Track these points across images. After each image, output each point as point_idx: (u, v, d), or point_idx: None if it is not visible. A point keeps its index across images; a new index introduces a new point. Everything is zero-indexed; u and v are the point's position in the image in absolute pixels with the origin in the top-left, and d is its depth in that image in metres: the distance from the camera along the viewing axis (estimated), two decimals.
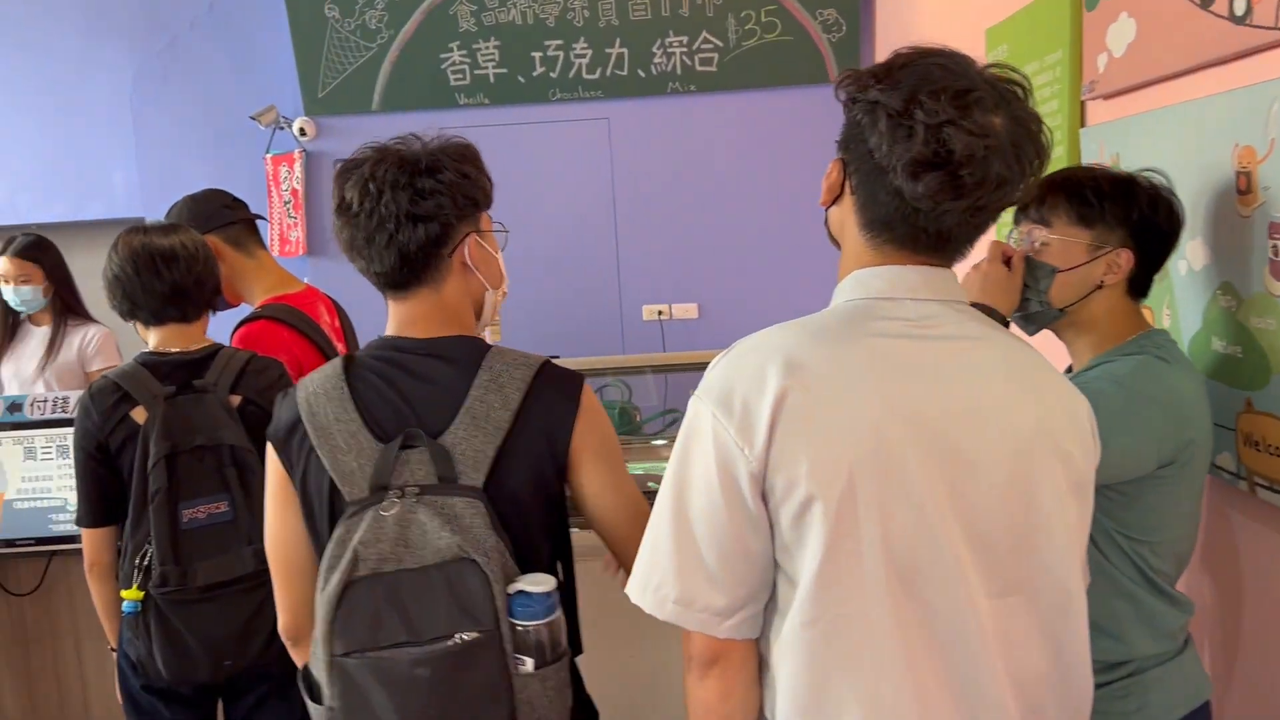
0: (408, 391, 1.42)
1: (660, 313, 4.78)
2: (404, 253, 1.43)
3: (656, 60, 4.56)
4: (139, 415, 2.01)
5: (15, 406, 2.89)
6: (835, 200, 1.25)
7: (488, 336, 3.02)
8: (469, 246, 1.48)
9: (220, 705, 2.22)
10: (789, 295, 4.68)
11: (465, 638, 1.28)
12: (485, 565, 1.29)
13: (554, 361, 1.48)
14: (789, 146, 4.61)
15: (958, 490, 1.13)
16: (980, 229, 1.19)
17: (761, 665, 1.20)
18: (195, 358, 2.10)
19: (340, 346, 2.56)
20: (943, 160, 1.09)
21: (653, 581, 1.15)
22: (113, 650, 2.17)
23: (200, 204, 2.52)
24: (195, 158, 5.12)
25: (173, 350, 2.10)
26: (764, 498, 1.12)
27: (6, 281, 3.57)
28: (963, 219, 1.15)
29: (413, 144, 1.48)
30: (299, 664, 1.52)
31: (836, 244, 1.29)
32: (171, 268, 2.07)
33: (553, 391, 1.44)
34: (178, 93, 5.10)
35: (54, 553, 2.90)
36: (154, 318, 2.10)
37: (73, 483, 2.81)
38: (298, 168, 4.82)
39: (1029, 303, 1.63)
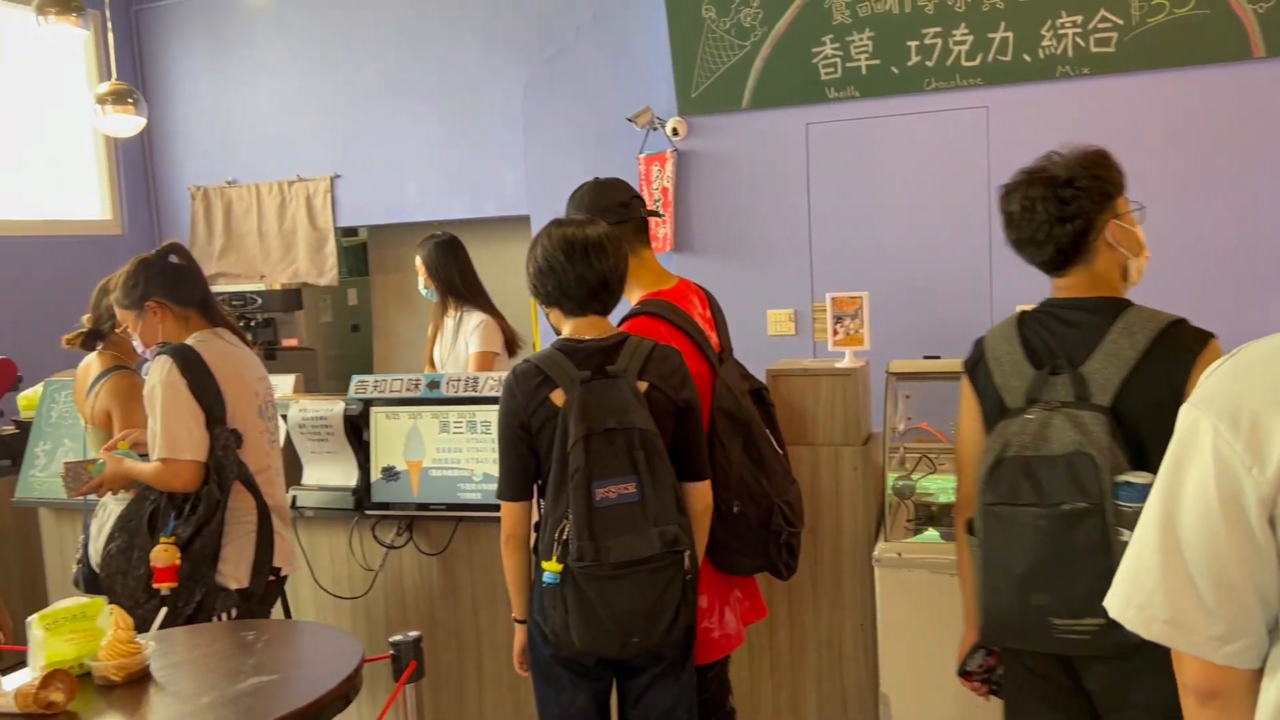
0: (1060, 334, 1.91)
1: None
2: (1059, 246, 1.91)
3: (1045, 43, 4.26)
4: (557, 398, 2.11)
5: (434, 384, 3.20)
6: None
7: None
8: (1110, 230, 1.91)
9: (614, 683, 2.30)
10: (1196, 297, 4.22)
11: (1077, 505, 1.74)
12: (1098, 458, 1.75)
13: (1185, 321, 1.86)
14: (1202, 132, 4.14)
15: None
16: None
17: None
18: (607, 345, 2.18)
19: (711, 335, 2.59)
20: None
21: (1137, 599, 1.07)
22: (517, 621, 2.29)
23: (599, 197, 2.59)
24: (575, 159, 5.45)
25: (586, 338, 2.19)
26: (1273, 524, 0.98)
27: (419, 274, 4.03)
28: None
29: (1053, 161, 1.93)
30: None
31: None
32: (602, 259, 2.16)
33: (1175, 343, 1.83)
34: (563, 97, 5.45)
35: (460, 519, 3.18)
36: (580, 307, 2.20)
37: (479, 456, 3.09)
38: (669, 167, 4.99)
39: None
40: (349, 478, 3.29)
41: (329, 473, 3.34)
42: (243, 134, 6.26)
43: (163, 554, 2.49)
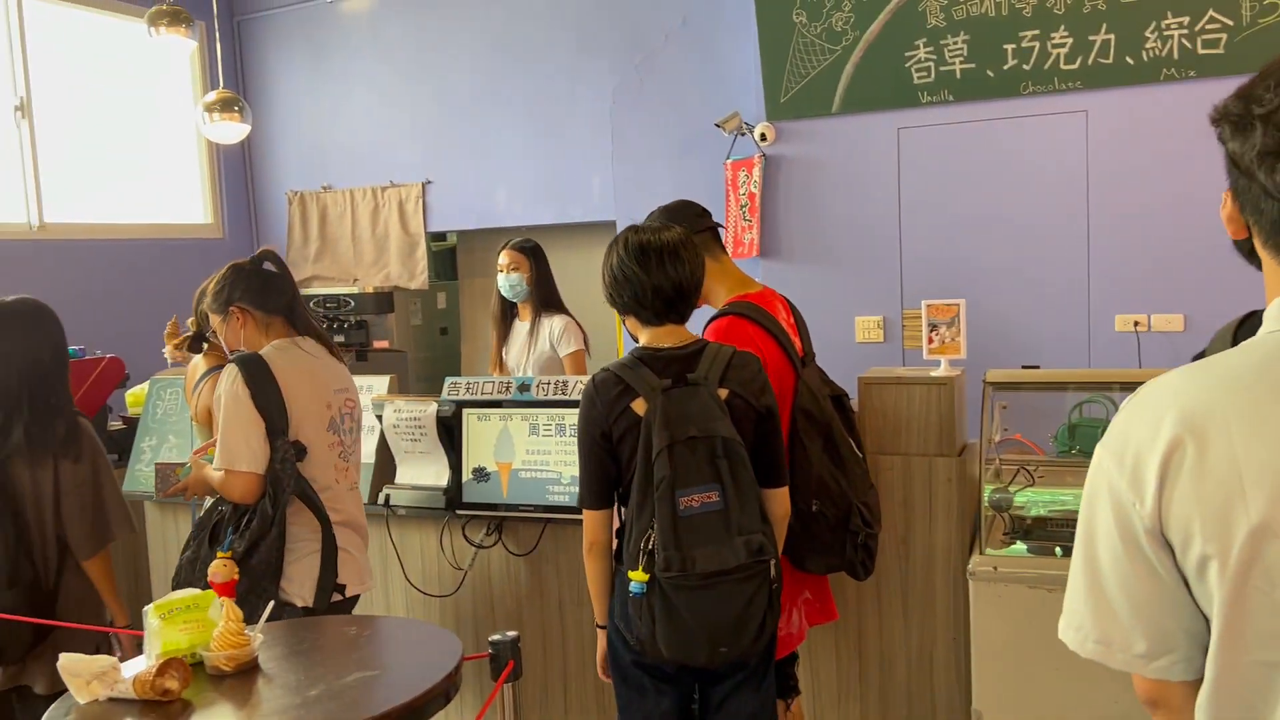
0: None
1: (1136, 324, 4.34)
2: None
3: (1149, 45, 4.13)
4: (639, 407, 2.10)
5: (524, 387, 3.23)
6: (1248, 232, 1.15)
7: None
8: None
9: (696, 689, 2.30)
10: None
11: None
12: None
13: None
14: None
15: None
16: None
17: None
18: (686, 353, 2.17)
19: (794, 339, 2.60)
20: None
21: (1073, 622, 1.15)
22: (599, 627, 2.30)
23: (675, 214, 2.67)
24: (661, 165, 5.48)
25: (665, 346, 2.18)
26: (1170, 549, 1.06)
27: (501, 270, 4.07)
28: None
29: None
30: None
31: None
32: (677, 267, 2.15)
33: None
34: (651, 103, 5.48)
35: (548, 520, 3.20)
36: (656, 317, 2.19)
37: (568, 458, 3.11)
38: (756, 172, 4.97)
39: None
40: (440, 477, 3.34)
41: (421, 472, 3.40)
42: (338, 140, 6.42)
43: (220, 569, 2.43)
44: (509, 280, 4.05)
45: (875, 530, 2.55)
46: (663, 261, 2.15)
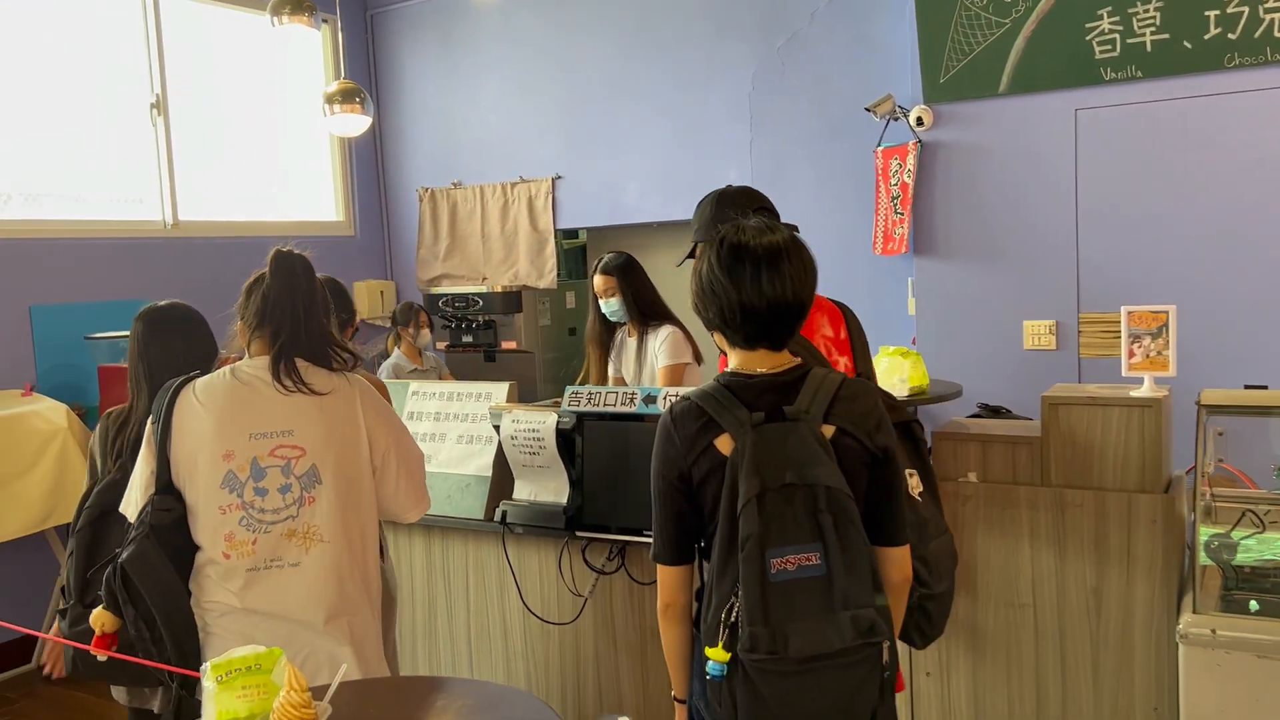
0: None
1: None
2: None
3: None
4: (723, 445, 1.74)
5: (650, 399, 2.92)
6: None
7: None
8: None
9: None
10: None
11: None
12: None
13: None
14: None
15: None
16: None
17: None
18: (784, 380, 1.79)
19: (842, 358, 2.31)
20: None
21: None
22: (676, 700, 1.94)
23: (728, 200, 2.47)
24: (802, 153, 5.11)
25: (759, 371, 1.81)
26: None
27: (599, 296, 3.91)
28: None
29: None
30: None
31: None
32: (775, 280, 1.75)
33: None
34: (793, 88, 5.12)
35: None
36: (745, 341, 1.81)
37: None
38: (910, 160, 4.53)
39: None
40: (560, 494, 3.07)
41: (540, 488, 3.13)
42: (469, 135, 6.27)
43: (96, 617, 2.14)
44: (609, 306, 3.90)
45: (933, 590, 2.14)
46: (758, 272, 1.75)
